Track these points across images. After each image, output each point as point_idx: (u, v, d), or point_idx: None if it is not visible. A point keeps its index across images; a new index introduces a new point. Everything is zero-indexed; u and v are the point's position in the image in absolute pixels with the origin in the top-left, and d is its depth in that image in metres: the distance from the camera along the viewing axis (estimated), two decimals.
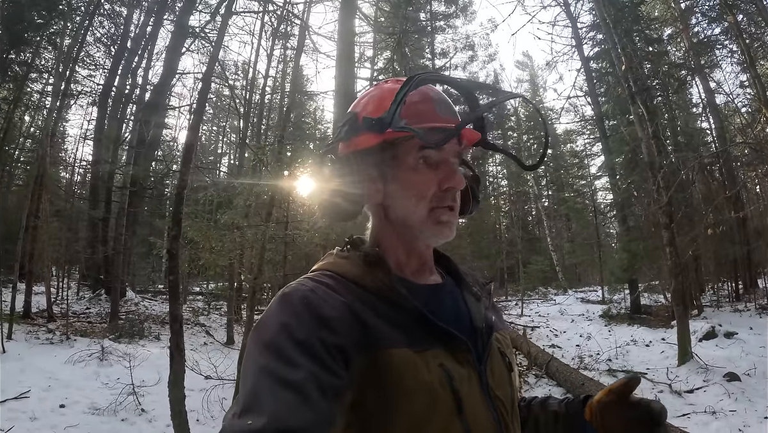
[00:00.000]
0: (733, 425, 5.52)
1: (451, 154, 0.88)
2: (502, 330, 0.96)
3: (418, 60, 18.69)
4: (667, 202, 8.74)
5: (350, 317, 0.75)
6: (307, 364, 0.66)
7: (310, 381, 0.65)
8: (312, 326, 0.71)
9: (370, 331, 0.75)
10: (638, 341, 10.25)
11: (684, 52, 16.67)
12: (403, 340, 0.76)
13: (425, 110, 0.86)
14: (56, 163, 18.77)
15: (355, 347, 0.72)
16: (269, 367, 0.67)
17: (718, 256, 14.36)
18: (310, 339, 0.69)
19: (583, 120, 21.75)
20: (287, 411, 0.61)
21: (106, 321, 11.35)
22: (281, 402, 0.62)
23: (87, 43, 16.35)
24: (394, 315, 0.79)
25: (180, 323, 4.17)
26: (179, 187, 4.55)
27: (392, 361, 0.73)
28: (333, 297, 0.77)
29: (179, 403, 4.00)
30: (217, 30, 7.53)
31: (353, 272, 0.84)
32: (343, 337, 0.71)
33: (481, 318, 0.90)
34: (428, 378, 0.74)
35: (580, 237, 25.92)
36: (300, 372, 0.65)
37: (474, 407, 0.78)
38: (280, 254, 6.58)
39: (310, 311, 0.73)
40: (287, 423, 0.60)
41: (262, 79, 19.30)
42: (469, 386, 0.79)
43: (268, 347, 0.69)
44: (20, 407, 5.84)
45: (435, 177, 0.86)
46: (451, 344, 0.81)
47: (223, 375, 7.16)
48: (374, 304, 0.79)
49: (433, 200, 0.86)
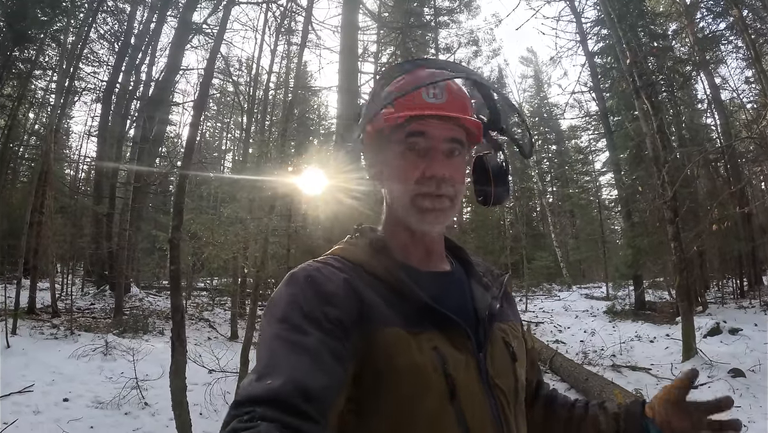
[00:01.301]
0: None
1: (441, 141, 0.87)
2: (512, 321, 0.96)
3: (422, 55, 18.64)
4: (672, 197, 8.70)
5: (351, 294, 0.78)
6: (316, 332, 0.71)
7: (322, 346, 0.69)
8: (315, 301, 0.75)
9: (367, 309, 0.77)
10: (642, 336, 10.23)
11: (689, 47, 16.59)
12: (399, 320, 0.78)
13: (410, 97, 0.85)
14: (60, 159, 18.85)
15: (354, 323, 0.75)
16: (282, 335, 0.71)
17: (722, 252, 14.33)
18: (315, 312, 0.73)
19: (587, 116, 21.66)
20: (303, 372, 0.65)
21: (111, 316, 11.37)
22: (297, 364, 0.66)
23: (90, 40, 16.33)
24: (393, 298, 0.81)
25: (181, 313, 4.17)
26: (181, 177, 4.55)
27: (385, 339, 0.76)
28: (336, 275, 0.81)
29: (180, 393, 4.00)
30: (219, 26, 7.53)
31: (359, 257, 0.87)
32: (343, 312, 0.75)
33: (485, 307, 0.90)
34: (419, 359, 0.76)
35: (584, 233, 25.91)
36: (311, 338, 0.70)
37: (469, 393, 0.78)
38: (284, 248, 6.58)
39: (314, 288, 0.77)
40: (304, 382, 0.64)
41: (266, 75, 19.27)
42: (466, 372, 0.79)
43: (280, 319, 0.74)
44: (24, 401, 5.86)
45: (420, 164, 0.87)
46: (448, 329, 0.81)
47: (226, 368, 7.17)
48: (376, 285, 0.82)
49: (415, 187, 0.87)
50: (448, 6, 19.49)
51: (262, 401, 0.61)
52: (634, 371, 7.85)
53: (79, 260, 16.82)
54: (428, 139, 0.87)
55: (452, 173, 0.87)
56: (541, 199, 31.06)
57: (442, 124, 0.87)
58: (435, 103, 0.86)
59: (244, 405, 0.62)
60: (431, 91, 0.87)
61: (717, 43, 15.69)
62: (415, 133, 0.87)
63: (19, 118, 15.99)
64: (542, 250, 25.68)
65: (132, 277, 15.66)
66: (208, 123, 30.31)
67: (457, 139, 0.89)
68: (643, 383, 6.93)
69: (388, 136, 0.90)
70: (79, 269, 16.86)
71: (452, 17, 19.69)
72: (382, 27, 15.38)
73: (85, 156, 22.31)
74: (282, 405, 0.61)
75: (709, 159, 14.19)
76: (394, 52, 15.54)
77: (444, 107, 0.86)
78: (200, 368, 6.99)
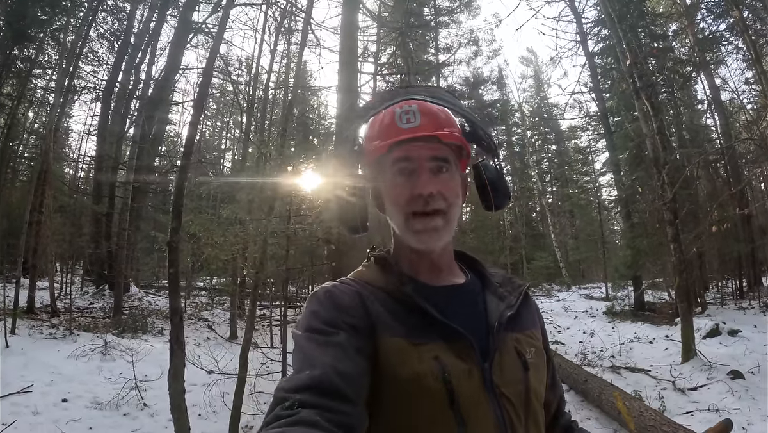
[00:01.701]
0: (737, 423, 5.48)
1: (425, 160, 0.92)
2: (530, 330, 0.97)
3: (422, 55, 18.66)
4: (671, 198, 8.69)
5: (360, 305, 0.87)
6: (340, 332, 0.80)
7: (347, 342, 0.79)
8: (334, 311, 0.84)
9: (373, 319, 0.85)
10: (642, 338, 10.22)
11: (689, 48, 16.57)
12: (403, 331, 0.84)
13: (387, 127, 0.95)
14: (60, 158, 18.82)
15: (365, 330, 0.83)
16: (312, 337, 0.80)
17: (722, 253, 14.32)
18: (335, 320, 0.82)
19: (587, 116, 21.61)
20: (337, 360, 0.74)
21: (110, 316, 11.37)
22: (330, 355, 0.75)
23: (90, 39, 16.33)
24: (399, 310, 0.87)
25: (180, 316, 4.16)
26: (180, 179, 4.54)
27: (388, 348, 0.82)
28: (348, 290, 0.90)
29: (179, 397, 3.99)
30: (219, 25, 7.52)
31: (369, 276, 0.96)
32: (358, 320, 0.84)
33: (496, 317, 0.92)
34: (418, 368, 0.80)
35: (584, 233, 25.90)
36: (337, 336, 0.79)
37: (471, 400, 0.81)
38: (283, 249, 6.58)
39: (331, 301, 0.86)
40: (340, 368, 0.73)
41: (266, 75, 19.26)
42: (469, 380, 0.82)
43: (306, 329, 0.82)
44: (23, 402, 5.86)
45: (408, 185, 0.92)
46: (453, 339, 0.85)
47: (225, 369, 7.16)
48: (382, 299, 0.89)
49: (406, 207, 0.92)
50: (449, 6, 19.45)
51: (303, 389, 0.69)
52: (634, 372, 7.84)
53: (79, 259, 16.82)
54: (412, 162, 0.92)
55: (440, 188, 0.91)
56: (540, 200, 31.04)
57: (423, 146, 0.92)
58: (409, 128, 0.93)
59: (286, 393, 0.70)
60: (404, 117, 0.94)
61: (717, 44, 15.67)
62: (400, 158, 0.93)
63: (18, 117, 15.96)
64: (542, 250, 25.69)
65: (131, 276, 15.64)
66: (208, 122, 30.31)
67: (440, 157, 0.93)
68: (642, 384, 6.92)
69: (380, 166, 0.97)
70: (78, 269, 16.85)
71: (452, 17, 19.65)
72: (382, 27, 15.34)
73: (85, 155, 22.32)
74: (322, 390, 0.69)
75: (708, 160, 14.17)
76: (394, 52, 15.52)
77: (418, 129, 0.92)
78: (199, 369, 6.98)
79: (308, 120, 25.85)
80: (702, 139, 16.25)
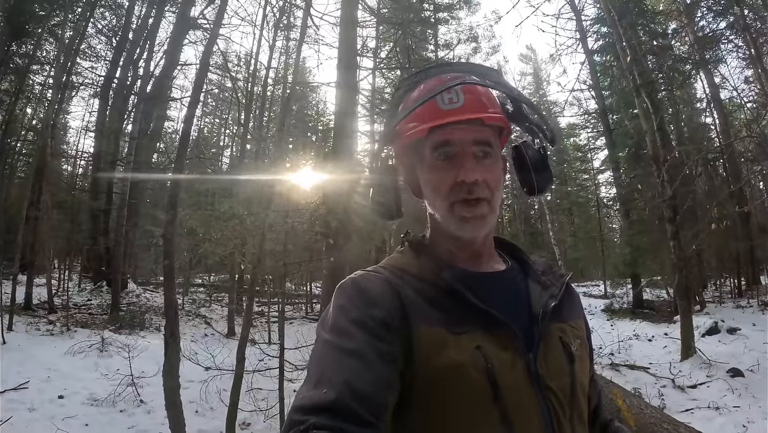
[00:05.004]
0: (737, 421, 5.48)
1: (468, 145, 0.85)
2: (574, 321, 0.93)
3: (421, 51, 18.59)
4: (671, 196, 8.67)
5: (391, 294, 0.81)
6: (362, 335, 0.74)
7: (368, 347, 0.73)
8: (362, 305, 0.79)
9: (408, 308, 0.79)
10: (641, 335, 10.23)
11: (689, 46, 16.53)
12: (441, 320, 0.79)
13: (426, 107, 0.85)
14: (58, 155, 18.70)
15: (397, 321, 0.77)
16: (332, 342, 0.75)
17: (720, 251, 14.34)
18: (363, 318, 0.77)
19: (586, 114, 21.60)
20: (354, 375, 0.69)
21: (107, 313, 11.34)
22: (346, 370, 0.70)
23: (88, 35, 16.25)
24: (437, 298, 0.82)
25: (175, 309, 4.14)
26: (176, 169, 4.51)
27: (426, 338, 0.76)
28: (378, 278, 0.84)
29: (173, 393, 3.96)
30: (216, 16, 7.48)
31: (403, 262, 0.90)
32: (388, 313, 0.78)
33: (540, 306, 0.87)
34: (459, 358, 0.75)
35: (582, 231, 25.89)
36: (357, 341, 0.73)
37: (515, 393, 0.76)
38: (281, 244, 6.54)
39: (359, 293, 0.81)
40: (356, 385, 0.68)
41: (264, 71, 19.22)
42: (512, 372, 0.77)
43: (330, 328, 0.78)
44: (19, 398, 5.84)
45: (451, 172, 0.85)
46: (495, 328, 0.80)
47: (222, 366, 7.13)
48: (418, 286, 0.83)
49: (450, 196, 0.86)
50: (448, 2, 19.37)
51: (319, 410, 0.65)
52: (633, 369, 7.84)
53: (76, 255, 16.75)
54: (454, 146, 0.86)
55: (485, 176, 0.85)
56: (539, 197, 30.98)
57: (466, 128, 0.85)
58: (452, 109, 0.85)
59: (301, 414, 0.65)
60: (446, 96, 0.86)
61: (717, 42, 15.63)
62: (441, 143, 0.86)
63: (16, 113, 15.86)
64: (540, 248, 25.64)
65: (129, 273, 15.60)
66: (206, 119, 30.18)
67: (484, 140, 0.87)
68: (641, 381, 6.91)
69: (417, 150, 0.91)
70: (75, 265, 16.79)
71: (452, 13, 19.57)
72: (381, 23, 15.28)
73: (83, 151, 22.19)
74: (338, 412, 0.65)
75: (708, 158, 14.16)
76: (393, 48, 15.43)
77: (462, 111, 0.85)
78: (196, 364, 6.95)
79: (307, 116, 25.82)
80: (701, 138, 16.21)
